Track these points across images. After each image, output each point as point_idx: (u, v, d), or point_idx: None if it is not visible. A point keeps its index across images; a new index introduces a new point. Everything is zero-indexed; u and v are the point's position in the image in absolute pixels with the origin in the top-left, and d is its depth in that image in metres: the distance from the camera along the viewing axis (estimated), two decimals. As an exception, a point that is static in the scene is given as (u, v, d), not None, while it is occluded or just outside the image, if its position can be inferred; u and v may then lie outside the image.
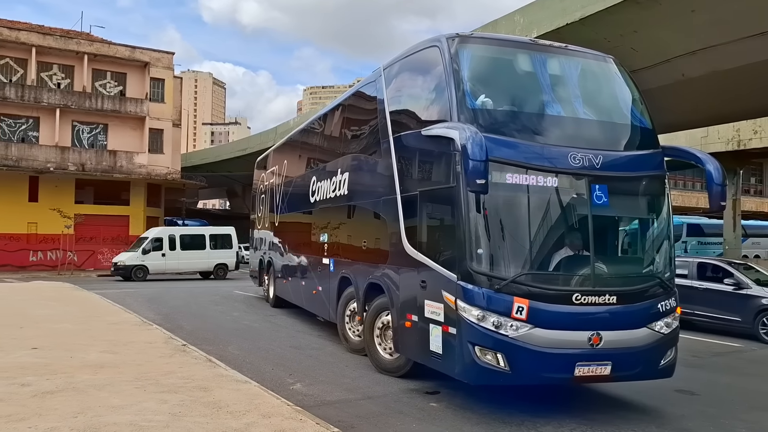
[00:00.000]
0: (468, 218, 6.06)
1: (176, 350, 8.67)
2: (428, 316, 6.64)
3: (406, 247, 7.26)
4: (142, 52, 36.76)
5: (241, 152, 46.78)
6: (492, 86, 6.89)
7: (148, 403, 5.81)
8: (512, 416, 6.37)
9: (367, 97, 9.49)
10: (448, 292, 6.24)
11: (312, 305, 12.00)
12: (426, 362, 6.92)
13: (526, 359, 5.89)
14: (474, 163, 5.57)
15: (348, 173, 9.64)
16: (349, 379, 7.85)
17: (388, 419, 6.19)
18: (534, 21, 18.14)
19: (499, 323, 5.88)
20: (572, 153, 6.23)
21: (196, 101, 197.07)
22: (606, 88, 7.45)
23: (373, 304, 8.35)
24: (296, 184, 13.38)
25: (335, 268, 10.21)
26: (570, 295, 6.00)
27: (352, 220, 9.64)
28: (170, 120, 37.69)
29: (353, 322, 9.51)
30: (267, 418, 5.44)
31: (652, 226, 6.85)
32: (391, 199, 7.76)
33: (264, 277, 16.87)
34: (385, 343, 8.15)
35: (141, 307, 14.99)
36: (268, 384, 7.15)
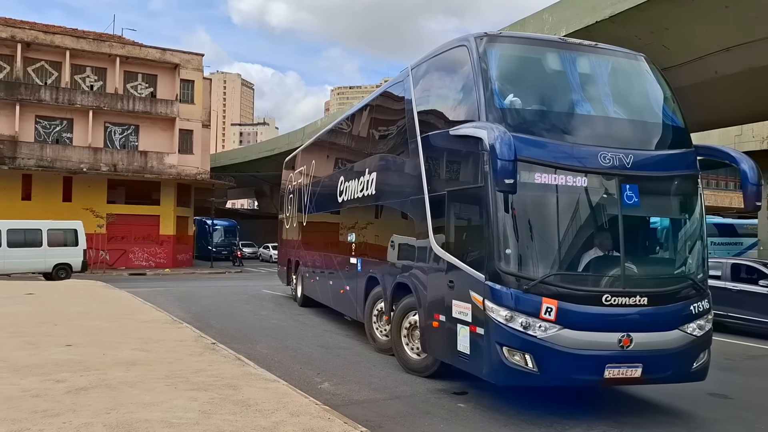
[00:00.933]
0: (496, 218, 6.01)
1: (206, 348, 8.78)
2: (456, 317, 6.61)
3: (433, 246, 7.24)
4: (172, 54, 37.31)
5: (269, 152, 47.19)
6: (520, 85, 6.84)
7: (178, 400, 5.89)
8: (541, 418, 6.31)
9: (394, 97, 9.46)
10: (476, 293, 6.20)
11: (340, 305, 11.98)
12: (453, 362, 6.88)
13: (555, 360, 5.83)
14: (502, 163, 5.53)
15: (376, 173, 9.63)
16: (377, 379, 7.86)
17: (416, 419, 6.19)
18: (563, 19, 17.95)
19: (527, 324, 5.83)
20: (602, 152, 6.16)
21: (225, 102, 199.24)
22: (637, 86, 7.32)
23: (401, 303, 8.33)
24: (324, 184, 13.39)
25: (363, 267, 10.21)
26: (600, 296, 5.93)
27: (379, 220, 9.64)
28: (200, 121, 38.20)
29: (380, 322, 9.51)
30: (295, 416, 5.48)
31: (684, 226, 6.74)
32: (418, 198, 7.74)
33: (292, 276, 16.93)
34: (413, 343, 8.14)
35: (171, 306, 15.22)
36: (296, 383, 7.19)
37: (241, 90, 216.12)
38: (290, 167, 18.06)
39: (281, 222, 18.92)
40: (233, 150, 72.51)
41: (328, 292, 12.76)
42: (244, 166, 52.05)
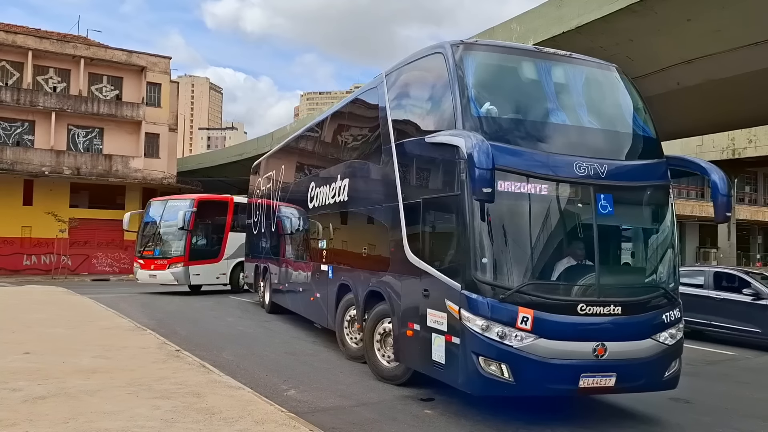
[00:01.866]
0: (472, 227, 5.98)
1: (170, 355, 8.62)
2: (431, 326, 6.54)
3: (408, 254, 7.16)
4: (138, 56, 36.74)
5: (238, 157, 46.69)
6: (497, 94, 6.81)
7: (140, 408, 5.76)
8: (507, 423, 6.35)
9: (367, 103, 9.40)
10: (452, 302, 6.14)
11: (310, 312, 11.82)
12: (428, 372, 6.80)
13: (531, 370, 5.80)
14: (480, 172, 5.50)
15: (348, 180, 9.54)
16: (344, 386, 7.81)
17: (383, 426, 6.16)
18: (531, 29, 18.20)
19: (503, 333, 5.79)
20: (577, 162, 6.17)
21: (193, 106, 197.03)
22: (610, 96, 7.39)
23: (373, 311, 8.24)
24: (293, 189, 13.26)
25: (334, 274, 10.07)
26: (575, 306, 5.92)
27: (351, 227, 9.59)
28: (166, 124, 37.63)
29: (352, 329, 9.41)
30: (260, 424, 5.40)
31: (657, 235, 6.77)
32: (392, 206, 7.67)
33: (260, 283, 16.65)
34: (385, 350, 8.05)
35: (135, 312, 14.91)
36: (262, 390, 7.11)
37: (209, 94, 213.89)
38: (258, 172, 17.86)
39: (248, 228, 18.66)
40: (201, 154, 71.69)
41: (298, 299, 12.59)
42: (211, 171, 51.44)
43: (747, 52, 15.30)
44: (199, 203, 20.55)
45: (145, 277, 20.71)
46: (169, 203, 21.26)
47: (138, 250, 21.34)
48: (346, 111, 10.49)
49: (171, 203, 21.20)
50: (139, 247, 21.29)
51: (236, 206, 21.42)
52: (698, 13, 14.30)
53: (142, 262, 20.84)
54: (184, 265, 19.97)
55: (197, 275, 20.29)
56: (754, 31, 14.53)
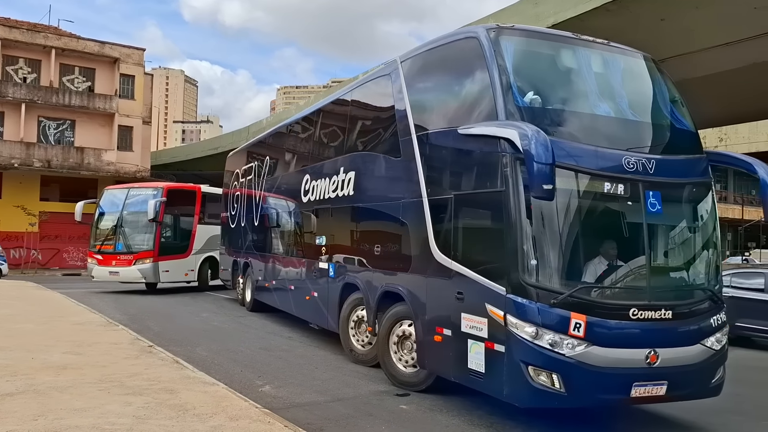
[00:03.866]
0: (520, 226, 5.51)
1: (142, 351, 8.51)
2: (466, 331, 6.05)
3: (435, 254, 6.64)
4: (111, 47, 36.12)
5: (213, 151, 46.26)
6: (536, 82, 6.27)
7: (111, 405, 5.67)
8: (482, 418, 6.38)
9: (378, 91, 8.72)
10: (495, 306, 5.65)
11: (304, 312, 11.19)
12: (462, 381, 6.31)
13: (583, 380, 5.42)
14: (540, 167, 5.03)
15: (354, 173, 8.90)
16: (319, 381, 7.78)
17: (358, 422, 6.15)
18: (507, 26, 18.29)
19: (555, 341, 5.36)
20: (626, 157, 5.78)
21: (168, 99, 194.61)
22: (649, 87, 6.90)
23: (389, 312, 7.74)
24: (283, 182, 12.57)
25: (336, 273, 9.48)
26: (627, 310, 5.53)
27: (359, 223, 8.98)
28: (140, 117, 37.10)
29: (359, 331, 8.85)
30: (234, 420, 5.36)
31: (703, 235, 6.39)
32: (414, 202, 7.13)
33: (238, 279, 15.98)
34: (402, 354, 7.54)
35: (107, 307, 14.69)
36: (237, 386, 7.06)
37: (184, 87, 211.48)
38: (237, 164, 16.91)
39: (224, 222, 17.76)
40: (175, 148, 70.87)
41: (289, 297, 11.91)
42: (186, 165, 50.90)
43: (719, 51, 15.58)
44: (169, 192, 18.88)
45: (104, 274, 18.56)
46: (132, 192, 19.30)
47: (93, 245, 19.09)
48: (350, 99, 9.75)
49: (135, 192, 19.29)
50: (95, 241, 19.03)
51: (204, 196, 20.19)
52: (672, 13, 14.52)
53: (100, 258, 18.62)
54: (153, 261, 18.26)
55: (166, 272, 18.68)
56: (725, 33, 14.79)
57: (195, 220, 19.79)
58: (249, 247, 14.95)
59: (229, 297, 17.93)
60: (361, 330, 8.78)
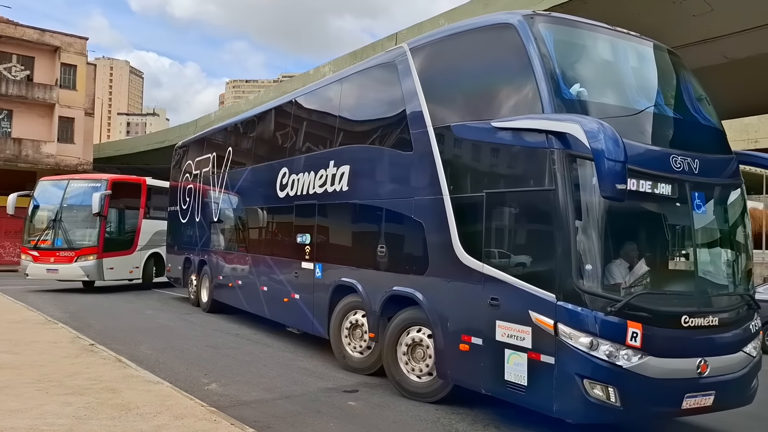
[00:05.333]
0: (573, 228, 5.14)
1: (83, 350, 8.27)
2: (502, 340, 5.64)
3: (460, 256, 6.18)
4: (52, 35, 34.77)
5: (159, 144, 45.12)
6: (578, 74, 5.94)
7: (50, 406, 5.51)
8: (428, 413, 6.46)
9: (378, 80, 8.23)
10: (542, 314, 5.27)
11: (280, 314, 10.37)
12: (496, 393, 5.89)
13: (639, 392, 5.13)
14: (613, 165, 4.65)
15: (349, 166, 8.30)
16: (267, 379, 7.72)
17: (306, 419, 6.14)
18: (458, 25, 18.48)
19: (611, 352, 5.02)
20: (673, 156, 5.51)
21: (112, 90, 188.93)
22: (680, 83, 6.60)
23: (396, 318, 7.22)
24: (252, 175, 11.73)
25: (325, 274, 8.83)
26: (679, 318, 5.26)
27: (356, 221, 8.34)
28: (82, 108, 35.86)
29: (354, 337, 8.24)
30: (179, 419, 5.28)
31: (740, 237, 6.17)
32: (432, 199, 6.64)
33: (191, 277, 15.03)
34: (415, 364, 7.04)
35: (46, 305, 14.18)
36: (182, 384, 6.94)
37: (129, 78, 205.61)
38: (190, 154, 15.78)
39: (174, 216, 16.68)
40: (119, 140, 68.83)
41: (260, 299, 11.00)
42: (131, 158, 49.51)
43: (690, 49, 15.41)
44: (113, 185, 17.93)
45: (41, 272, 17.44)
46: (73, 184, 18.16)
47: (27, 240, 17.93)
48: (340, 88, 9.07)
49: (76, 184, 18.17)
50: (30, 237, 17.90)
51: (150, 189, 19.55)
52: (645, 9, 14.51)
53: (36, 254, 17.53)
54: (97, 258, 17.39)
55: (111, 269, 17.82)
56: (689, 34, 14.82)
57: (140, 215, 19.13)
58: (206, 243, 14.06)
59: (176, 295, 17.58)
60: (356, 335, 8.19)
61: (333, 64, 24.80)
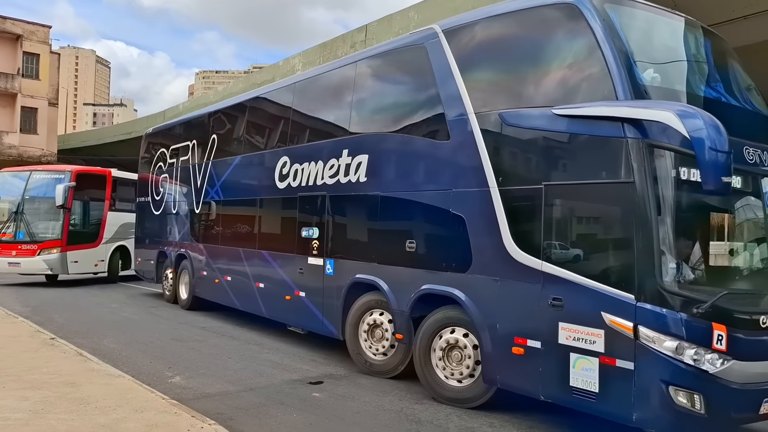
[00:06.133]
0: (657, 225, 4.81)
1: (43, 344, 8.13)
2: (566, 343, 5.28)
3: (513, 253, 5.76)
4: (13, 23, 33.96)
5: (126, 135, 44.36)
6: (649, 59, 5.61)
7: (6, 400, 5.41)
8: (393, 404, 6.50)
9: (404, 64, 7.67)
10: (619, 316, 4.93)
11: (281, 313, 9.69)
12: (559, 400, 5.50)
13: (724, 399, 4.84)
14: (718, 156, 4.36)
15: (367, 156, 7.75)
16: (232, 372, 7.69)
17: (269, 410, 6.13)
18: (427, 18, 18.50)
19: (697, 356, 4.72)
20: (746, 147, 5.23)
21: (77, 80, 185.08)
22: (736, 71, 6.31)
23: (430, 318, 6.78)
24: (245, 164, 11.01)
25: (337, 271, 8.27)
26: (759, 318, 5.01)
27: (378, 214, 7.68)
28: (46, 98, 35.18)
29: (373, 338, 7.71)
30: (139, 412, 5.23)
31: None
32: (476, 192, 6.19)
33: (166, 272, 14.25)
34: (453, 368, 6.55)
35: (6, 299, 13.88)
36: (145, 378, 6.88)
37: (96, 68, 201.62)
38: (164, 142, 14.88)
39: (143, 208, 15.81)
40: (85, 132, 67.47)
41: (255, 297, 10.31)
42: (97, 150, 48.58)
43: None
44: (78, 176, 17.59)
45: (2, 266, 16.99)
46: (35, 175, 17.74)
47: None
48: (354, 74, 8.44)
49: (39, 175, 17.76)
50: None
51: (115, 181, 19.14)
52: None
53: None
54: (61, 251, 17.01)
55: (75, 262, 17.43)
56: None
57: (106, 207, 18.78)
58: (186, 236, 13.24)
59: (143, 288, 17.35)
60: (376, 336, 7.69)
61: (302, 55, 24.68)
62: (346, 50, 21.81)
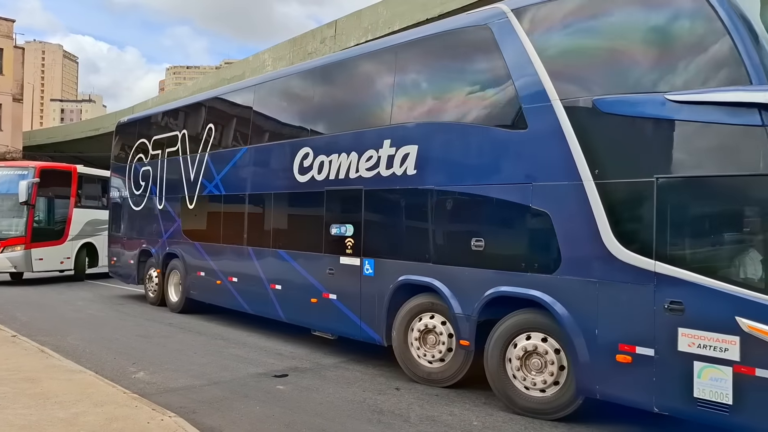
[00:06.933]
0: None
1: (4, 341, 8.04)
2: (690, 351, 4.92)
3: (616, 252, 5.34)
4: (-24, 16, 33.17)
5: (95, 132, 43.74)
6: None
7: (-37, 397, 5.36)
8: (356, 395, 6.59)
9: (461, 46, 7.04)
10: (761, 321, 4.61)
11: (306, 317, 8.91)
12: (679, 413, 5.11)
13: None
14: None
15: (417, 147, 7.19)
16: (197, 366, 7.69)
17: (233, 403, 6.17)
18: (396, 14, 18.62)
19: None
20: None
21: (44, 75, 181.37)
22: None
23: (504, 323, 6.26)
24: (254, 155, 10.13)
25: (379, 271, 7.65)
26: None
27: (431, 210, 7.06)
28: (10, 94, 34.46)
29: (426, 344, 7.15)
30: (99, 407, 5.23)
31: None
32: (565, 186, 5.75)
33: (150, 272, 13.26)
34: (533, 377, 6.01)
35: (-32, 298, 13.65)
36: (108, 374, 6.88)
37: (63, 63, 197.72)
38: (141, 133, 13.94)
39: (120, 203, 14.65)
40: (52, 128, 66.36)
41: (270, 300, 9.45)
42: (65, 146, 47.80)
43: None
44: (42, 172, 17.25)
45: None
46: None
47: None
48: (395, 58, 7.80)
49: (1, 172, 17.58)
50: None
51: (81, 177, 18.81)
52: None
53: None
54: (25, 248, 16.72)
55: (40, 260, 17.12)
56: None
57: (71, 203, 18.44)
58: (176, 234, 12.21)
59: (111, 286, 17.16)
60: (429, 342, 7.14)
61: (272, 51, 24.59)
62: (315, 45, 21.81)
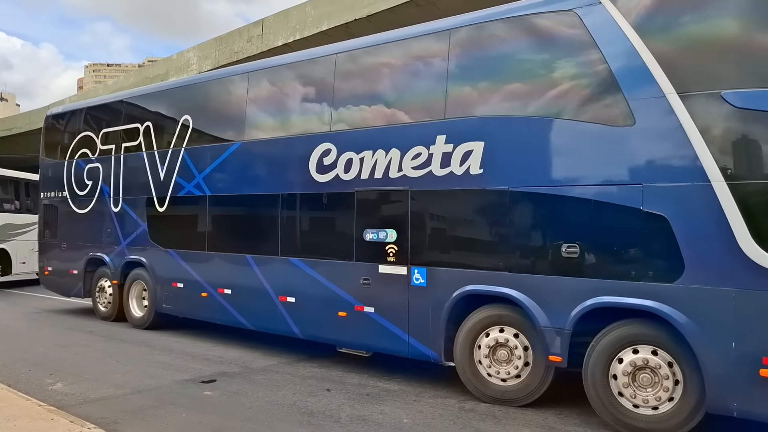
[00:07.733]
0: None
1: None
2: None
3: (758, 259, 5.00)
4: None
5: (7, 132, 41.29)
6: None
7: None
8: (285, 398, 6.52)
9: (537, 33, 6.48)
10: None
11: (331, 333, 8.01)
12: None
13: None
14: None
15: (484, 143, 6.61)
16: (119, 375, 7.41)
17: (157, 411, 5.98)
18: (324, 14, 18.52)
19: None
20: None
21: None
22: None
23: (606, 338, 5.77)
24: (250, 151, 9.12)
25: (433, 282, 6.99)
26: None
27: (505, 213, 6.49)
28: None
29: (495, 359, 6.58)
30: (11, 421, 4.97)
31: None
32: (688, 187, 5.35)
33: (102, 283, 11.83)
34: (645, 394, 5.58)
35: None
36: (23, 386, 6.55)
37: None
38: (84, 126, 12.42)
39: (58, 205, 12.84)
40: (-40, 128, 62.31)
41: (279, 313, 8.48)
42: (-27, 147, 45.04)
43: None
44: None
45: None
46: None
47: None
48: (448, 45, 7.18)
49: None
50: None
51: None
52: None
53: None
54: None
55: None
56: None
57: None
58: (143, 240, 10.81)
59: (27, 294, 16.30)
60: (500, 358, 6.55)
61: (197, 49, 23.99)
62: (242, 44, 21.45)
